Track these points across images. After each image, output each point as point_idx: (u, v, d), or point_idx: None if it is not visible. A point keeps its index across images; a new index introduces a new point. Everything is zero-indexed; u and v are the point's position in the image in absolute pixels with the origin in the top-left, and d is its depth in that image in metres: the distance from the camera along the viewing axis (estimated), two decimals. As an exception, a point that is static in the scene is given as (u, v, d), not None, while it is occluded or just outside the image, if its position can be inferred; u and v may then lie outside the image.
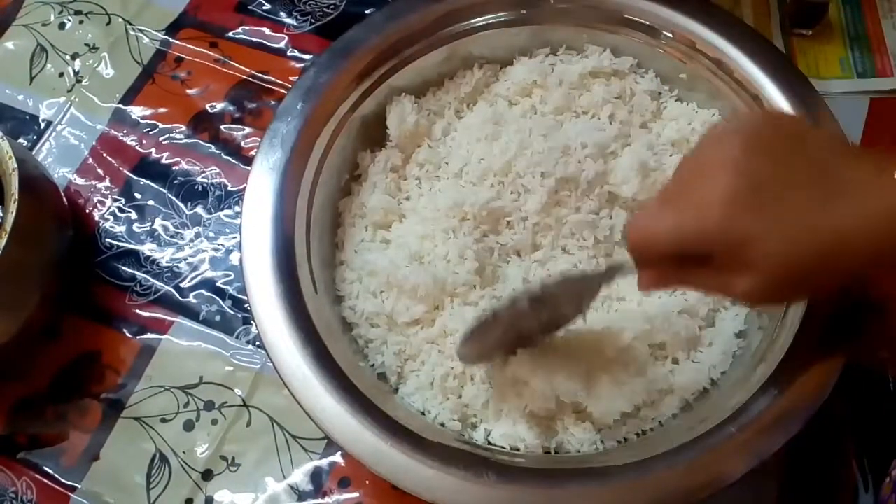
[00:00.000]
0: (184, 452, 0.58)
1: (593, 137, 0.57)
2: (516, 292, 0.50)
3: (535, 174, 0.56)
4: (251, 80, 0.72)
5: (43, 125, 0.72)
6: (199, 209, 0.67)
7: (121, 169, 0.69)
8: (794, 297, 0.45)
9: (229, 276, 0.64)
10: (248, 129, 0.70)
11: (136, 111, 0.72)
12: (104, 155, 0.70)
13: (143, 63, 0.74)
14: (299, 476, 0.57)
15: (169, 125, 0.71)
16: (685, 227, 0.38)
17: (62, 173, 0.69)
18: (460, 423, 0.52)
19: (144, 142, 0.70)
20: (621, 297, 0.56)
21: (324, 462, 0.57)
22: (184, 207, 0.67)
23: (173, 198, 0.68)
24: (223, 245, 0.66)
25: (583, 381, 0.50)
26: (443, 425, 0.52)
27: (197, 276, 0.65)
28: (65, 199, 0.65)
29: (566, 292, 0.48)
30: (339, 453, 0.57)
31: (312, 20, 0.75)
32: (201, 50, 0.74)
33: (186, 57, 0.74)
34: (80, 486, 0.57)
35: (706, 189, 0.37)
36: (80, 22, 0.76)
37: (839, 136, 0.48)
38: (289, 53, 0.74)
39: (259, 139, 0.57)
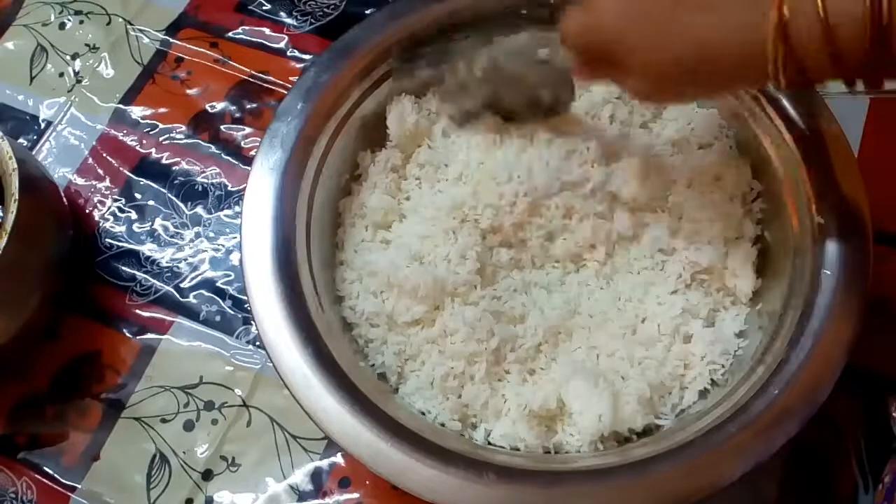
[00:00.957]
0: (184, 452, 0.58)
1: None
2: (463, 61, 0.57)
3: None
4: (251, 80, 0.72)
5: (43, 125, 0.72)
6: (200, 209, 0.67)
7: (121, 169, 0.69)
8: (669, 97, 0.51)
9: (229, 276, 0.64)
10: (248, 129, 0.70)
11: (137, 111, 0.72)
12: (104, 155, 0.70)
13: (144, 63, 0.74)
14: (299, 476, 0.57)
15: (169, 125, 0.71)
16: (581, 28, 0.48)
17: (62, 173, 0.70)
18: (460, 423, 0.52)
19: (144, 142, 0.70)
20: (627, 298, 0.56)
21: (324, 462, 0.57)
22: (184, 207, 0.67)
23: (173, 198, 0.68)
24: (223, 245, 0.66)
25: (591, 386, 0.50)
26: (443, 425, 0.52)
27: (197, 276, 0.65)
28: (65, 199, 0.65)
29: (527, 69, 0.55)
30: (339, 453, 0.57)
31: (312, 20, 0.75)
32: (201, 50, 0.74)
33: (186, 57, 0.74)
34: (80, 486, 0.58)
35: (599, 2, 0.46)
36: (81, 22, 0.76)
37: None
38: (289, 53, 0.74)
39: (259, 139, 0.57)
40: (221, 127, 0.71)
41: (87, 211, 0.68)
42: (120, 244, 0.66)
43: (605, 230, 0.56)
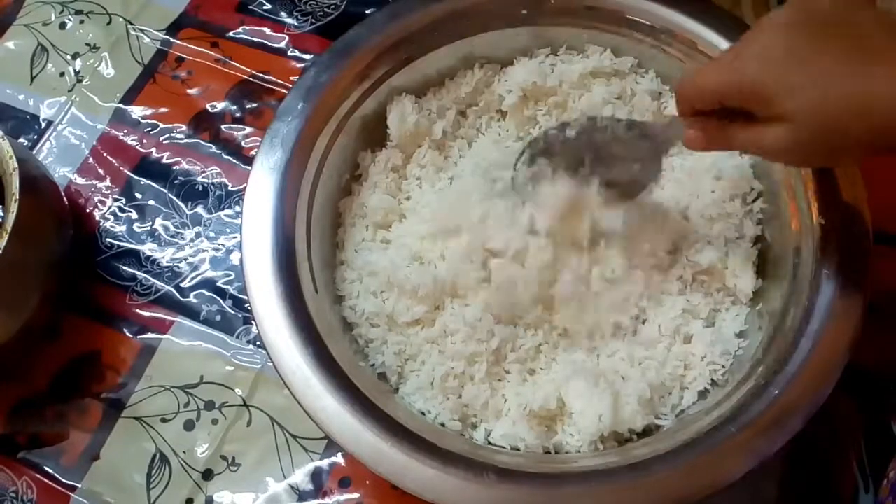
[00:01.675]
0: (184, 452, 0.58)
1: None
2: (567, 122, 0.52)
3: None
4: (252, 79, 0.72)
5: (43, 125, 0.72)
6: (200, 209, 0.67)
7: (121, 169, 0.69)
8: (820, 155, 0.43)
9: (230, 275, 0.64)
10: (248, 129, 0.70)
11: (137, 111, 0.72)
12: (105, 155, 0.70)
13: (144, 63, 0.74)
14: (300, 476, 0.57)
15: (169, 125, 0.71)
16: (724, 79, 0.42)
17: (63, 173, 0.70)
18: (460, 423, 0.52)
19: (145, 141, 0.70)
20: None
21: (324, 462, 0.57)
22: (184, 207, 0.67)
23: (174, 198, 0.68)
24: (223, 245, 0.66)
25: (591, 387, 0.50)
26: (443, 425, 0.52)
27: (197, 275, 0.65)
28: (65, 198, 0.65)
29: (621, 139, 0.51)
30: (339, 453, 0.57)
31: (313, 20, 0.75)
32: (202, 50, 0.74)
33: (187, 57, 0.74)
34: (80, 486, 0.58)
35: (748, 48, 0.41)
36: (81, 22, 0.76)
37: (890, 13, 0.46)
38: (289, 53, 0.74)
39: (259, 139, 0.57)
40: (222, 127, 0.71)
41: (88, 211, 0.68)
42: (120, 244, 0.66)
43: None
